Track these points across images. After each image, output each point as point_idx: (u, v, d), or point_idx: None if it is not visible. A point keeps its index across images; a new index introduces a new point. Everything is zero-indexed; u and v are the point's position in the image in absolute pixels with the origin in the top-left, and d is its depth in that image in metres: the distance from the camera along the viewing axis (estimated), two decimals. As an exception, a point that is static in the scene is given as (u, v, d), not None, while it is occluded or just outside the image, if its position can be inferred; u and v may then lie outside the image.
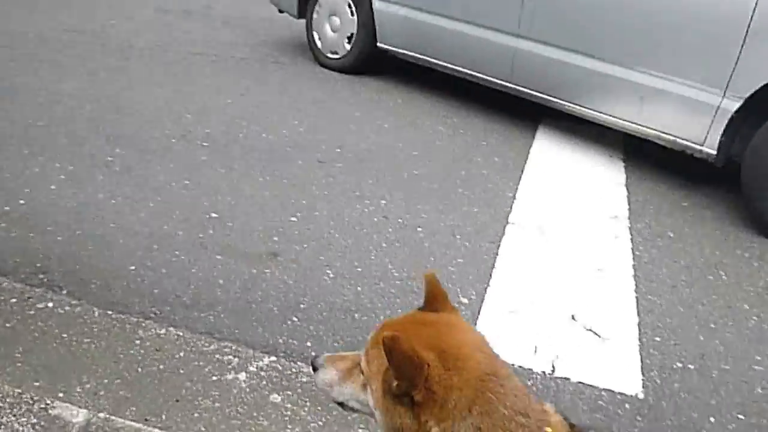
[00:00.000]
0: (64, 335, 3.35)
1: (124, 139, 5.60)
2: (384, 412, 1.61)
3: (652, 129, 5.62)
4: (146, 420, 2.94)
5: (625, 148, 6.58)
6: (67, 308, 3.54)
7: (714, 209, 5.66)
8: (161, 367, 3.23)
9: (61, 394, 2.99)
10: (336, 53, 7.89)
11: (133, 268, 3.92)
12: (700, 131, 5.13)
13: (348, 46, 7.78)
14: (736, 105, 4.94)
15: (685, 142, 5.35)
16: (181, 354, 3.33)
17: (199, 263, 4.02)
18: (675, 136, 5.41)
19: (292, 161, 5.48)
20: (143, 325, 3.50)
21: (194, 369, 3.25)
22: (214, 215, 4.50)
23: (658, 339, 3.92)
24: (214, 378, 3.23)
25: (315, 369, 1.89)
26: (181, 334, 3.46)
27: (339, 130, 6.17)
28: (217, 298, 3.76)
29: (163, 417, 2.98)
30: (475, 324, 3.87)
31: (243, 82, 7.26)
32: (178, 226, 4.36)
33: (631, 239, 5.02)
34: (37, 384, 3.03)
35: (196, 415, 3.02)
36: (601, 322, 4.02)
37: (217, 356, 3.36)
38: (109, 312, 3.55)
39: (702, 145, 5.15)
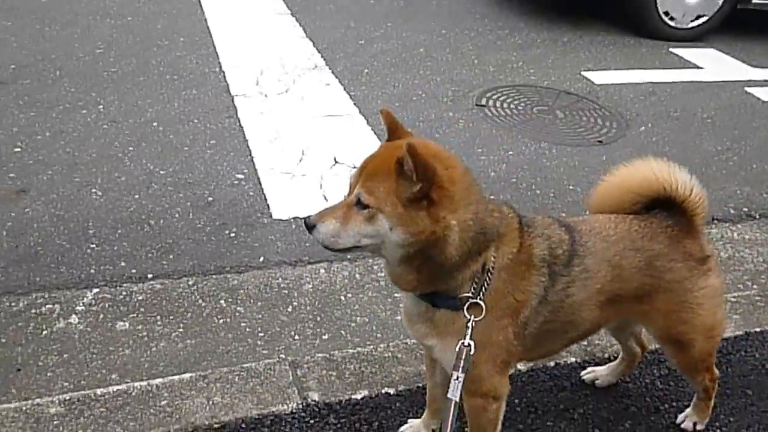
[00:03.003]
0: None
1: None
2: (403, 224, 1.80)
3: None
4: (-3, 402, 2.53)
5: (286, 2, 6.71)
6: None
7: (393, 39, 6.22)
8: (-25, 344, 2.75)
9: None
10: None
11: None
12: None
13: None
14: None
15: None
16: (-11, 323, 2.85)
17: (-64, 227, 3.36)
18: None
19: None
20: None
21: (16, 332, 2.82)
22: None
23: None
24: (45, 332, 2.84)
25: (312, 227, 1.85)
26: (-25, 304, 2.94)
27: (1, 45, 5.31)
28: (-12, 254, 3.22)
29: (14, 390, 2.58)
30: (262, 192, 3.87)
31: None
32: None
33: (340, 82, 5.28)
34: None
35: (49, 374, 2.66)
36: (359, 158, 4.26)
37: (33, 311, 2.93)
38: None
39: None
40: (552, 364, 2.80)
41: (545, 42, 6.48)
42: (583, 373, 2.78)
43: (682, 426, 2.59)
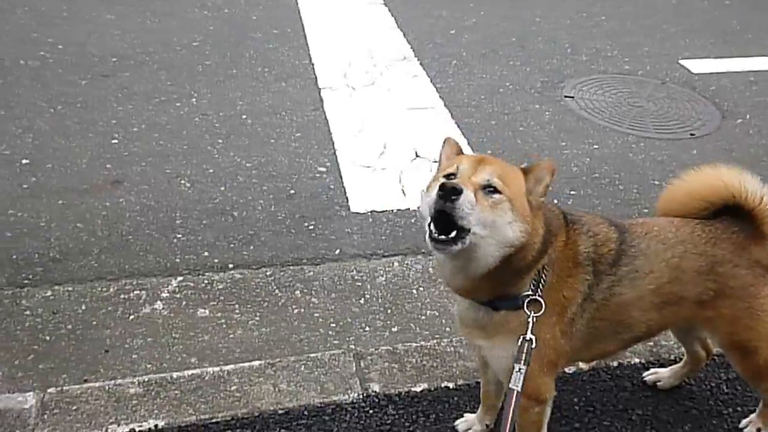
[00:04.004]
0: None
1: None
2: (525, 221, 1.93)
3: None
4: (86, 380, 2.78)
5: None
6: None
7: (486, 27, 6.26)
8: (69, 326, 3.01)
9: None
10: None
11: (-32, 242, 3.50)
12: None
13: None
14: None
15: None
16: (83, 307, 3.12)
17: (41, 214, 3.66)
18: None
19: (71, 82, 5.00)
20: (21, 294, 3.18)
21: (105, 316, 3.08)
22: (25, 162, 4.07)
23: (489, 151, 4.34)
24: (132, 316, 3.09)
25: (460, 192, 1.82)
26: (70, 288, 3.22)
27: (102, 35, 5.68)
28: (84, 241, 3.50)
29: (102, 370, 2.83)
30: (342, 185, 4.03)
31: None
32: (-10, 185, 3.89)
33: (426, 74, 5.37)
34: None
35: (134, 356, 2.90)
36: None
37: (122, 296, 3.19)
38: (-27, 295, 3.19)
39: None
40: (615, 364, 2.84)
41: (643, 29, 6.36)
42: (645, 374, 2.80)
43: (745, 431, 2.58)
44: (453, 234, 1.84)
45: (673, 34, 6.27)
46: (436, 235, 1.85)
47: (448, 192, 1.81)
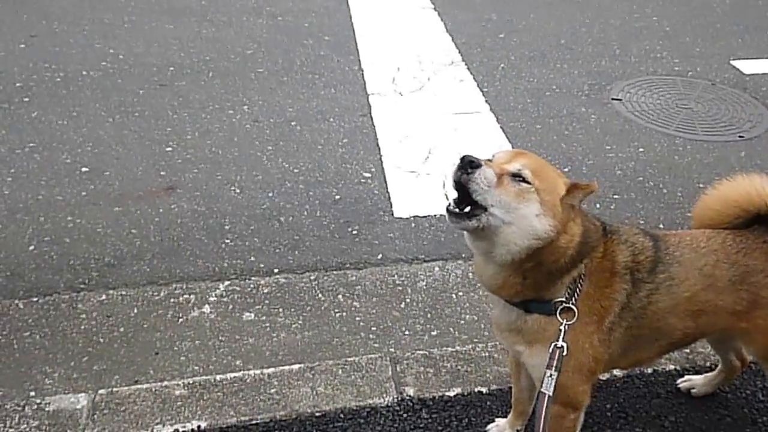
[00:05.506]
0: (-1, 337, 3.15)
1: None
2: (553, 216, 1.92)
3: None
4: (137, 381, 2.90)
5: (431, -2, 6.88)
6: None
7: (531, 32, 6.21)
8: (122, 329, 3.14)
9: (36, 392, 2.85)
10: None
11: (32, 247, 3.65)
12: None
13: None
14: None
15: None
16: (135, 311, 3.24)
17: (98, 221, 3.82)
18: None
19: (130, 91, 5.17)
20: (78, 298, 3.33)
21: (156, 319, 3.20)
22: (85, 170, 4.23)
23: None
24: (181, 320, 3.20)
25: (477, 166, 1.85)
26: (124, 293, 3.35)
27: (161, 46, 5.85)
28: (138, 247, 3.64)
29: (151, 371, 2.94)
30: (387, 190, 4.07)
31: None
32: (53, 192, 4.05)
33: (474, 78, 5.37)
34: (1, 392, 2.85)
35: (182, 358, 3.01)
36: (484, 156, 4.35)
37: (172, 300, 3.31)
38: (34, 299, 3.33)
39: None
40: (649, 371, 2.82)
41: (695, 28, 6.23)
42: (679, 381, 2.78)
43: (782, 442, 2.55)
44: (468, 209, 1.88)
45: (726, 34, 6.13)
46: (452, 207, 1.91)
47: (465, 164, 1.85)
